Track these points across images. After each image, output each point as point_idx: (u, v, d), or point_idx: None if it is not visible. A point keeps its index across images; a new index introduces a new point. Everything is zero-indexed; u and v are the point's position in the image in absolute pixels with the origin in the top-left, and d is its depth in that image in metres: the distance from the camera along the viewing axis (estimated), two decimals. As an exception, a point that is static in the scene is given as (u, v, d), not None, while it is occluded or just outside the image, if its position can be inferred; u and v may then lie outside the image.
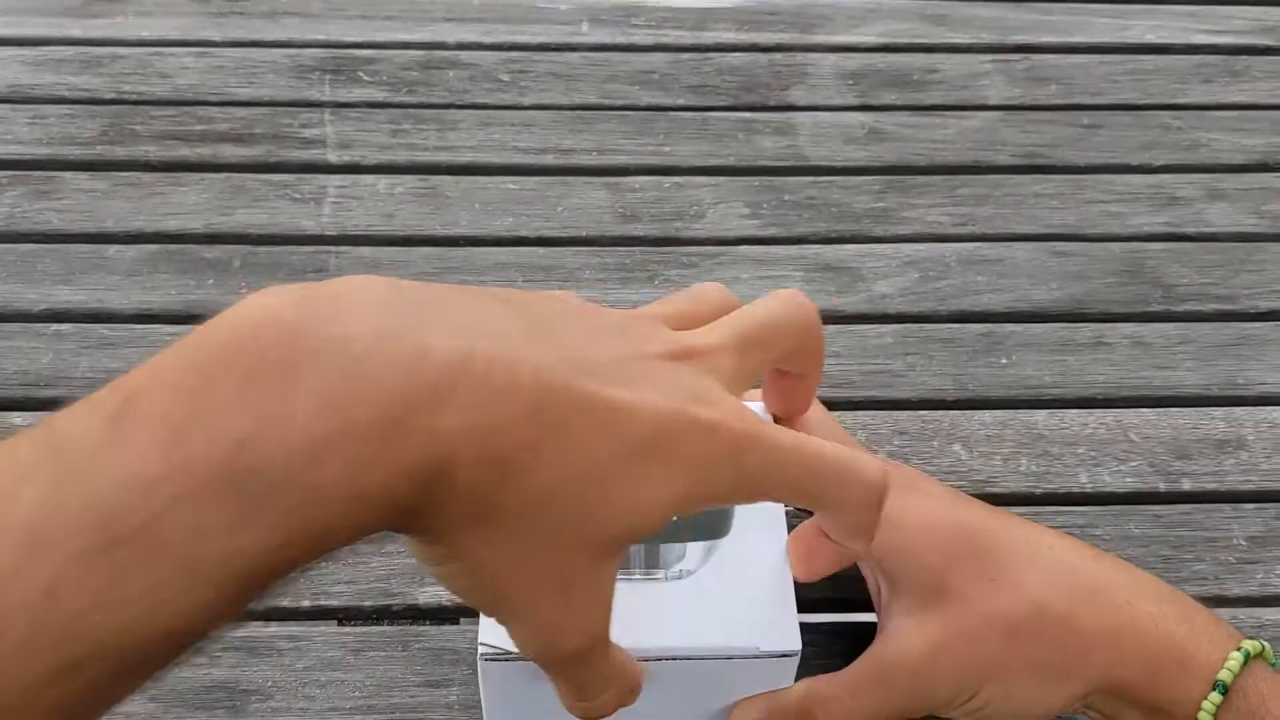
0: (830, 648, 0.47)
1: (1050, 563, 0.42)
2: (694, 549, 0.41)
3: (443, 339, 0.26)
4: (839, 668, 0.43)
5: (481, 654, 0.36)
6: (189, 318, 0.61)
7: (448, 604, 0.51)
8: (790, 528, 0.41)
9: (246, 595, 0.25)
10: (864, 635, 0.44)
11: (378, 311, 0.26)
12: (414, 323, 0.26)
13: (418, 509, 0.26)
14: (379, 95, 0.74)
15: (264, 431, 0.24)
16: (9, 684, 0.22)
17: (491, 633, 0.37)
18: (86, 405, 0.25)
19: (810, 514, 0.36)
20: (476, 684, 0.48)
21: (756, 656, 0.37)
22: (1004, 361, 0.61)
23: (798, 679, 0.40)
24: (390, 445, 0.25)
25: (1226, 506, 0.55)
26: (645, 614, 0.40)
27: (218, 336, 0.25)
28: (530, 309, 0.30)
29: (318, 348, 0.25)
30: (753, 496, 0.32)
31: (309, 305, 0.25)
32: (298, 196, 0.68)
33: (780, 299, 0.34)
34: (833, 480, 0.31)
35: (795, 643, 0.38)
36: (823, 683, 0.41)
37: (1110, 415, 0.59)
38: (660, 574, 0.40)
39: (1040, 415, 0.58)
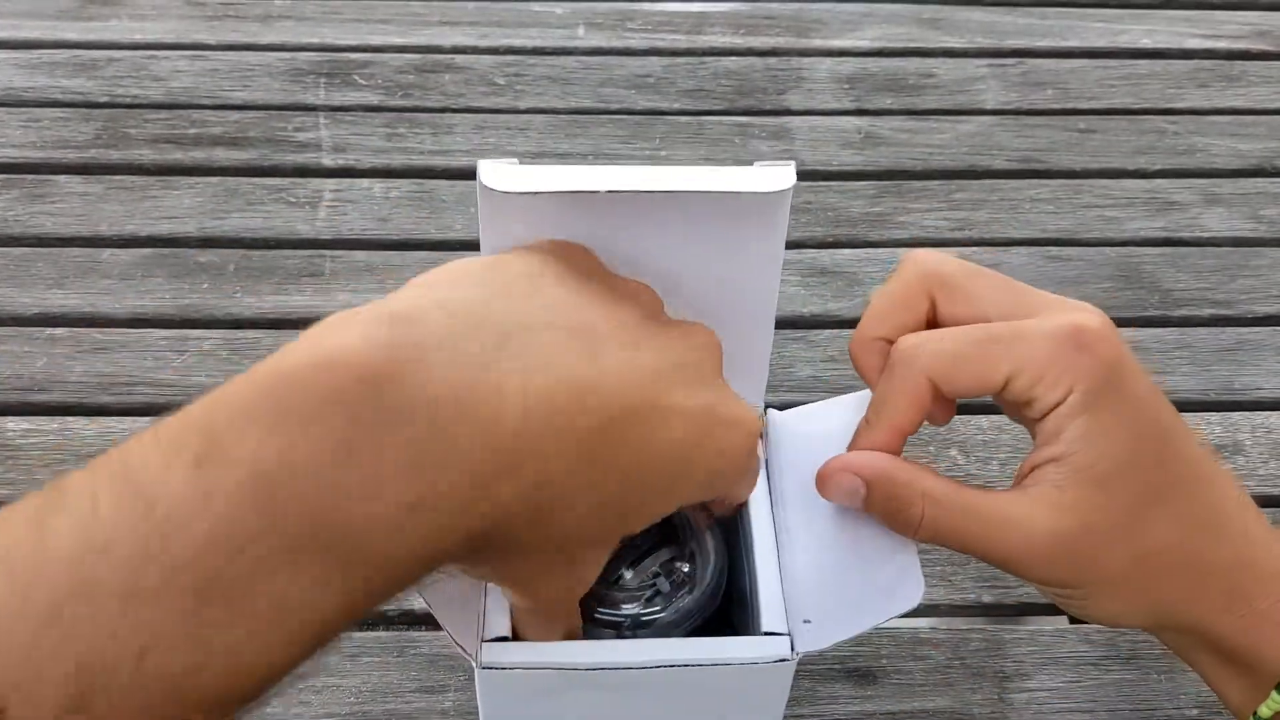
0: (823, 652, 0.47)
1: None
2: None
3: (515, 387, 0.26)
4: (837, 672, 0.42)
5: (480, 662, 0.36)
6: (183, 322, 0.61)
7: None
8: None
9: (318, 648, 0.25)
10: (860, 639, 0.44)
11: (456, 358, 0.26)
12: (487, 368, 0.26)
13: (460, 558, 0.27)
14: (374, 99, 0.74)
15: (352, 495, 0.24)
16: None
17: (492, 651, 0.36)
18: (163, 444, 0.24)
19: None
20: (472, 690, 0.47)
21: (753, 663, 0.37)
22: (1001, 366, 0.61)
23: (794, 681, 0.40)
24: (463, 516, 0.25)
25: (1224, 511, 0.55)
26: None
27: (303, 375, 0.24)
28: (561, 303, 0.30)
29: (406, 408, 0.24)
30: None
31: (395, 351, 0.25)
32: (292, 200, 0.67)
33: None
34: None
35: (788, 648, 0.38)
36: (940, 486, 0.36)
37: (1107, 420, 0.58)
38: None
39: (1037, 420, 0.58)
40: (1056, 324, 0.34)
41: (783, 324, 0.62)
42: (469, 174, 0.70)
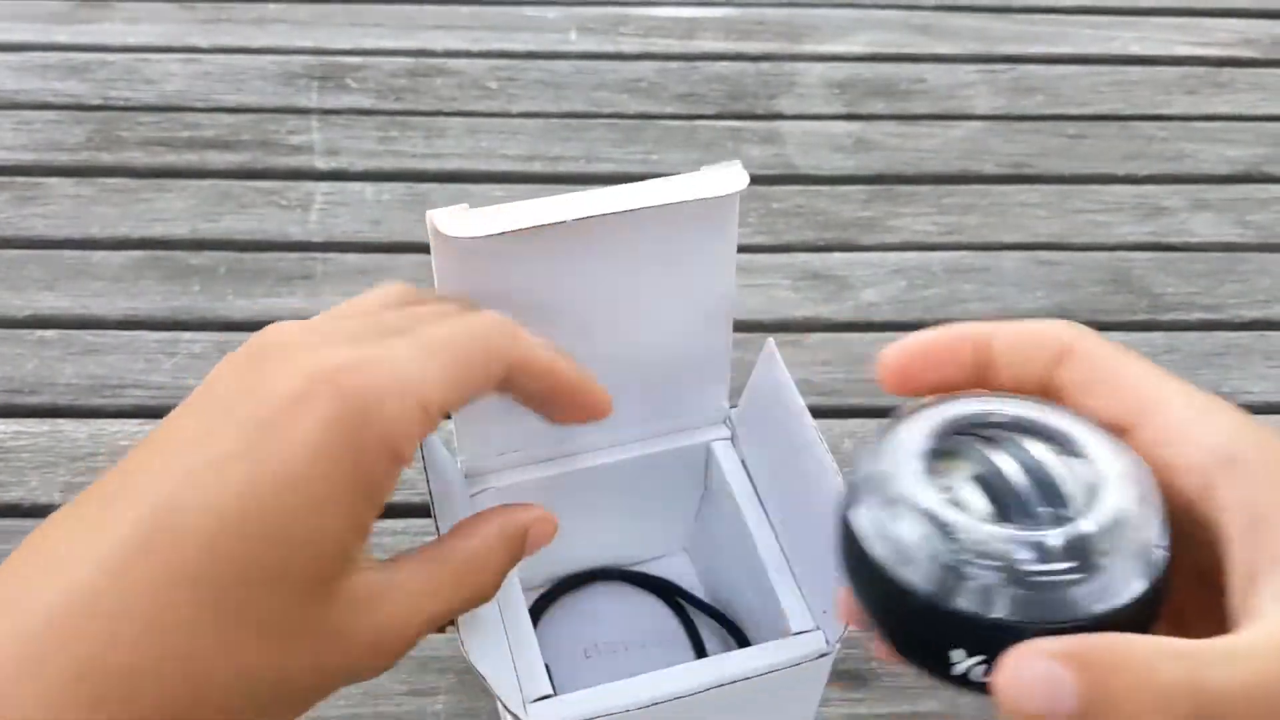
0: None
1: None
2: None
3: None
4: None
5: None
6: (175, 324, 0.61)
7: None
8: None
9: None
10: (849, 641, 0.43)
11: None
12: None
13: None
14: (367, 102, 0.74)
15: None
16: None
17: (538, 710, 0.36)
18: None
19: None
20: (463, 692, 0.48)
21: (797, 664, 0.37)
22: (990, 370, 0.61)
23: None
24: None
25: (1211, 515, 0.55)
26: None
27: None
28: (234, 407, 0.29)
29: None
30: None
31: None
32: (284, 203, 0.68)
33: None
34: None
35: (824, 642, 0.38)
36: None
37: (1096, 424, 0.59)
38: None
39: (1026, 424, 0.58)
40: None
41: (773, 327, 0.62)
42: (461, 177, 0.71)
